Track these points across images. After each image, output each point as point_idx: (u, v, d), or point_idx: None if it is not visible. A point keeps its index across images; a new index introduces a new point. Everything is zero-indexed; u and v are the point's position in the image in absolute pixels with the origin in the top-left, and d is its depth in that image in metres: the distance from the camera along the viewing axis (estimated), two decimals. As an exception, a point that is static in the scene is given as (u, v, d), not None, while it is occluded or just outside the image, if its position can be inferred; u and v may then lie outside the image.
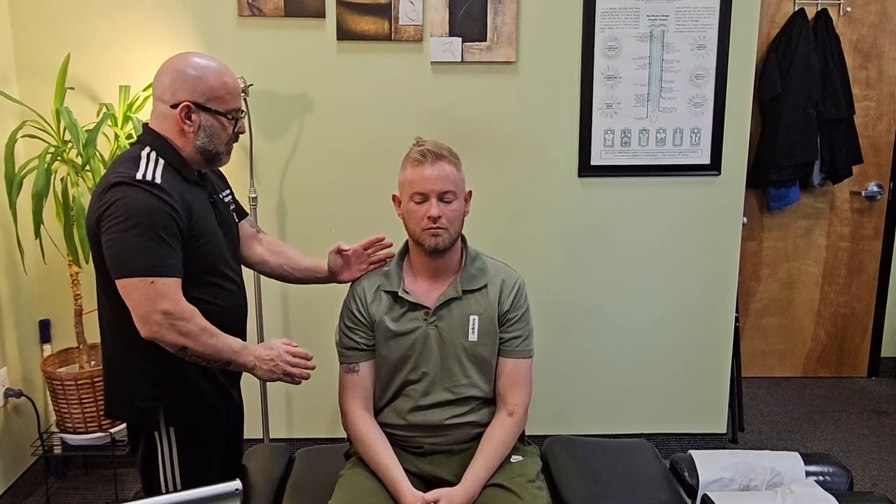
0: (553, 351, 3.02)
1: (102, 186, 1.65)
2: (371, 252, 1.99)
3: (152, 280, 1.59)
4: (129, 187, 1.62)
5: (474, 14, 2.78)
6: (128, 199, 1.60)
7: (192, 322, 1.63)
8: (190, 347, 1.63)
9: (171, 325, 1.60)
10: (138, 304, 1.60)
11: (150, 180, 1.63)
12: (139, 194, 1.61)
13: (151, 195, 1.62)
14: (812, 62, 3.45)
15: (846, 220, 3.79)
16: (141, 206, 1.60)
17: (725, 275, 3.03)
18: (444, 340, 1.87)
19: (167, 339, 1.62)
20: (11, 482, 2.76)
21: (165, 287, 1.61)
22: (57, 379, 2.67)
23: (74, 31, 2.75)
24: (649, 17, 2.81)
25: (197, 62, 1.72)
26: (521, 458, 1.91)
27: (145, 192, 1.62)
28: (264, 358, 1.75)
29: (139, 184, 1.62)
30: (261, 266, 2.03)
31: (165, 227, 1.62)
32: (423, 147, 1.83)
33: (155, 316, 1.59)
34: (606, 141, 2.89)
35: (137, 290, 1.60)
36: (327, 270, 2.00)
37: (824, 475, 2.04)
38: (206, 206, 1.77)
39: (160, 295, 1.60)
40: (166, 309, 1.60)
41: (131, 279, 1.60)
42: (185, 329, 1.62)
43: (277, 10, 2.75)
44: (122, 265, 1.60)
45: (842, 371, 3.95)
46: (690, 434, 3.16)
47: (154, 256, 1.60)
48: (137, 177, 1.63)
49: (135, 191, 1.61)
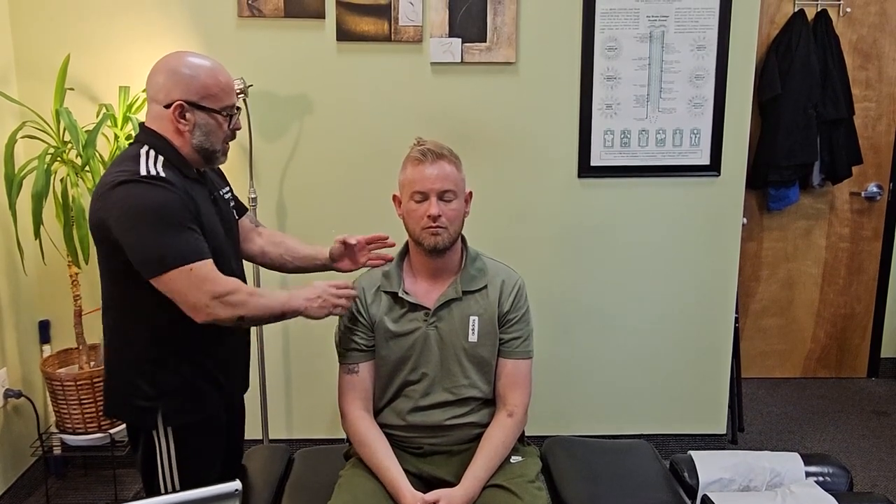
0: (553, 351, 3.02)
1: (106, 186, 1.64)
2: (373, 247, 2.01)
3: (190, 268, 1.60)
4: (135, 184, 1.61)
5: (474, 15, 2.78)
6: (138, 197, 1.61)
7: (239, 292, 1.66)
8: (245, 315, 1.66)
9: (223, 303, 1.62)
10: (184, 294, 1.61)
11: (156, 175, 1.64)
12: (148, 190, 1.61)
13: (160, 188, 1.62)
14: (812, 63, 3.45)
15: (846, 220, 3.79)
16: (153, 201, 1.61)
17: (725, 275, 3.03)
18: (443, 341, 1.87)
19: (222, 316, 1.64)
20: (11, 482, 2.76)
21: (203, 270, 1.62)
22: (56, 379, 2.67)
23: (74, 31, 2.75)
24: (649, 18, 2.81)
25: (189, 61, 1.72)
26: (520, 458, 1.91)
27: (153, 186, 1.62)
28: (311, 297, 1.76)
29: (145, 179, 1.62)
30: (261, 258, 2.03)
31: (181, 215, 1.63)
32: (424, 147, 1.84)
33: (204, 300, 1.61)
34: (606, 141, 2.89)
35: (179, 282, 1.60)
36: (328, 257, 2.01)
37: (824, 476, 2.04)
38: (207, 204, 1.77)
39: (202, 279, 1.61)
40: (212, 290, 1.61)
41: (169, 273, 1.60)
42: (234, 301, 1.64)
43: (277, 11, 2.75)
44: (156, 263, 1.60)
45: (841, 372, 3.95)
46: (690, 435, 3.15)
47: (183, 245, 1.61)
48: (142, 173, 1.63)
49: (142, 187, 1.61)
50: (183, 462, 1.77)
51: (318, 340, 2.95)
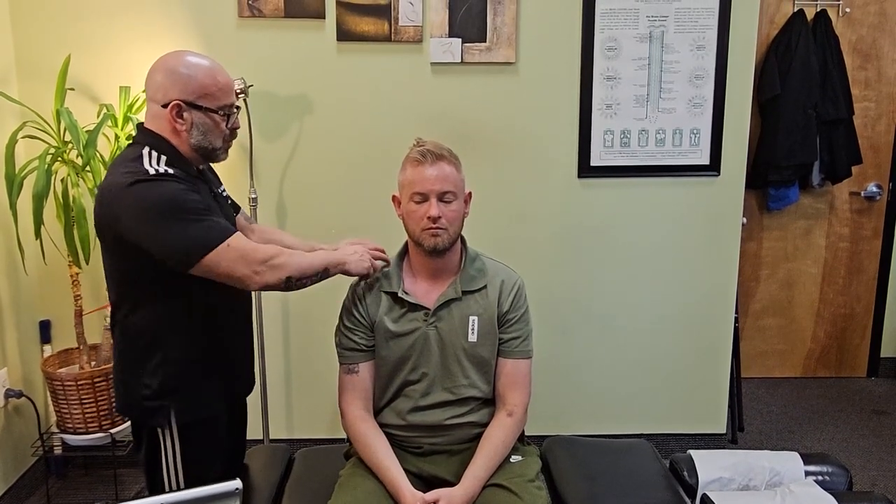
0: (552, 351, 3.03)
1: (116, 186, 1.64)
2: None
3: (227, 244, 1.64)
4: (149, 183, 1.63)
5: (474, 15, 2.78)
6: (155, 194, 1.62)
7: (281, 255, 1.70)
8: (292, 275, 1.71)
9: (269, 267, 1.67)
10: (231, 269, 1.64)
11: (164, 172, 1.65)
12: (163, 186, 1.63)
13: (173, 183, 1.64)
14: (811, 63, 3.45)
15: (845, 220, 3.80)
16: (172, 196, 1.62)
17: (725, 275, 3.04)
18: (443, 341, 1.88)
19: (272, 281, 1.68)
20: (12, 483, 2.76)
21: (240, 242, 1.66)
22: (57, 379, 2.67)
23: (74, 32, 2.76)
24: (649, 18, 2.82)
25: (187, 60, 1.72)
26: (520, 458, 1.91)
27: (166, 182, 1.64)
28: (351, 252, 1.84)
29: (156, 178, 1.64)
30: None
31: (199, 202, 1.66)
32: (424, 147, 1.84)
33: (251, 269, 1.65)
34: (606, 141, 2.90)
35: (223, 260, 1.63)
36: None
37: (823, 475, 2.05)
38: (210, 199, 1.79)
39: (242, 251, 1.65)
40: (254, 258, 1.66)
41: (208, 256, 1.62)
42: (278, 263, 1.69)
43: (277, 11, 2.75)
44: (193, 252, 1.62)
45: (841, 371, 3.95)
46: (690, 434, 3.16)
47: (213, 227, 1.65)
48: (151, 171, 1.64)
49: (155, 185, 1.63)
50: (187, 461, 1.78)
51: (318, 341, 2.96)
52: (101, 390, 2.69)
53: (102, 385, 2.69)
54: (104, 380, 2.68)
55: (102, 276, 2.69)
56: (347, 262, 1.82)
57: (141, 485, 2.91)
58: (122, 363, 1.80)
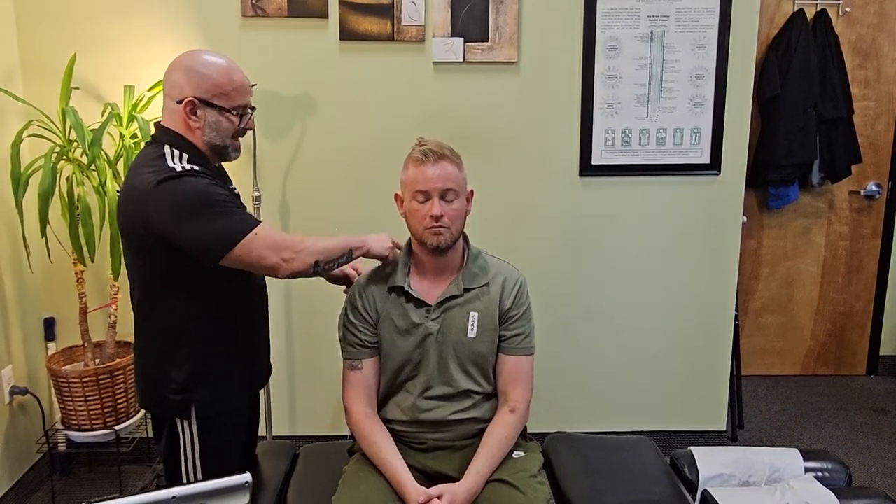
0: (554, 349, 3.05)
1: (145, 185, 1.65)
2: None
3: (255, 233, 1.67)
4: (177, 180, 1.65)
5: (476, 14, 2.80)
6: (186, 190, 1.65)
7: (306, 240, 1.74)
8: (319, 259, 1.75)
9: (297, 253, 1.71)
10: (261, 257, 1.68)
11: (191, 169, 1.68)
12: (190, 181, 1.66)
13: (200, 178, 1.67)
14: (811, 62, 3.47)
15: (845, 219, 3.81)
16: (199, 191, 1.65)
17: (725, 273, 3.06)
18: (444, 337, 1.89)
19: (300, 268, 1.72)
20: (17, 479, 2.78)
21: (266, 231, 1.70)
22: (62, 377, 2.69)
23: (79, 31, 2.77)
24: (650, 18, 2.83)
25: (205, 59, 1.75)
26: (522, 453, 1.92)
27: (193, 177, 1.67)
28: (372, 236, 1.88)
29: (182, 174, 1.66)
30: None
31: (225, 195, 1.70)
32: (426, 146, 1.85)
33: (282, 254, 1.69)
34: (607, 140, 2.91)
35: (253, 249, 1.67)
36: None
37: (823, 471, 2.06)
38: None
39: (270, 240, 1.69)
40: (283, 245, 1.70)
41: (239, 245, 1.65)
42: (307, 249, 1.73)
43: (281, 11, 2.77)
44: (225, 242, 1.65)
45: (841, 369, 3.97)
46: (690, 432, 3.18)
47: (239, 218, 1.68)
48: (177, 169, 1.67)
49: (182, 181, 1.66)
50: (206, 454, 1.81)
51: (321, 338, 2.98)
52: (106, 387, 2.71)
53: (107, 382, 2.70)
54: (108, 377, 2.70)
55: (107, 274, 2.74)
56: (368, 242, 1.86)
57: (145, 481, 2.93)
58: (146, 359, 1.83)
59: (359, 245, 1.84)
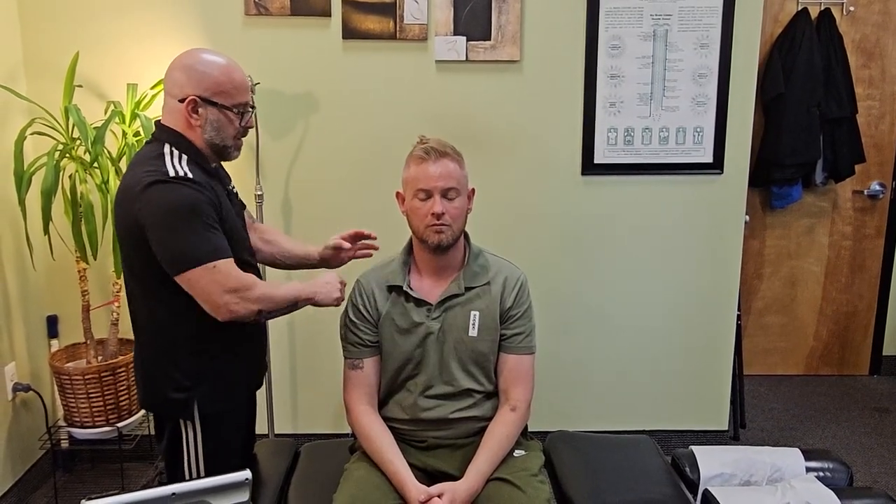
0: (555, 348, 3.04)
1: (137, 186, 1.66)
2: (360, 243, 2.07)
3: (214, 265, 1.65)
4: (166, 185, 1.65)
5: (478, 13, 2.80)
6: (170, 197, 1.64)
7: (256, 287, 1.71)
8: (263, 309, 1.72)
9: (242, 299, 1.68)
10: (208, 291, 1.66)
11: (184, 175, 1.67)
12: (179, 190, 1.65)
13: (190, 189, 1.66)
14: (815, 61, 3.46)
15: (848, 218, 3.81)
16: (184, 202, 1.65)
17: (728, 273, 3.05)
18: (445, 335, 1.90)
19: (243, 313, 1.69)
20: (20, 475, 2.79)
21: (226, 267, 1.67)
22: (65, 374, 2.70)
23: (82, 29, 2.78)
24: (653, 17, 2.83)
25: (205, 58, 1.75)
26: (523, 452, 1.92)
27: (184, 186, 1.66)
28: (322, 283, 1.84)
29: (175, 180, 1.66)
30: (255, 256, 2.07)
31: (209, 215, 1.68)
32: (427, 144, 1.85)
33: (226, 297, 1.66)
34: (610, 139, 2.91)
35: (203, 279, 1.65)
36: (318, 258, 2.08)
37: (824, 471, 2.06)
38: (225, 197, 1.81)
39: (224, 276, 1.66)
40: (233, 287, 1.66)
41: (195, 270, 1.64)
42: (254, 296, 1.69)
43: (283, 9, 2.77)
44: (184, 260, 1.65)
45: (843, 369, 3.96)
46: (692, 431, 3.17)
47: (209, 244, 1.66)
48: (171, 174, 1.67)
49: (173, 187, 1.65)
50: (208, 453, 1.81)
51: (322, 336, 2.98)
52: (108, 385, 2.71)
53: (109, 379, 2.71)
54: (111, 374, 2.71)
55: (109, 272, 2.75)
56: (317, 294, 1.82)
57: (147, 478, 2.94)
58: (146, 358, 1.83)
59: (307, 296, 1.81)
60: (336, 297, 1.84)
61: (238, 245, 1.79)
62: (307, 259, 2.09)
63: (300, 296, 1.80)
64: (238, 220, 1.86)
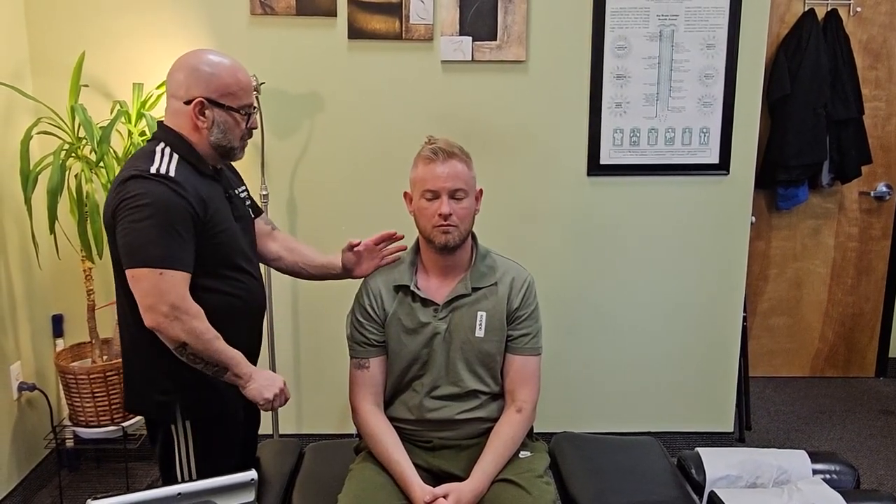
0: (561, 349, 3.04)
1: (118, 181, 1.68)
2: (382, 247, 2.02)
3: (161, 272, 1.61)
4: (144, 180, 1.64)
5: (484, 13, 2.79)
6: (143, 192, 1.63)
7: (198, 320, 1.65)
8: (190, 345, 1.64)
9: (176, 318, 1.62)
10: (146, 293, 1.63)
11: (165, 173, 1.66)
12: (154, 187, 1.64)
13: (166, 188, 1.64)
14: (822, 62, 3.45)
15: (855, 220, 3.79)
16: (156, 199, 1.63)
17: (733, 274, 3.04)
18: (451, 336, 1.89)
19: (170, 332, 1.63)
20: (25, 474, 2.79)
21: (173, 280, 1.63)
22: (70, 373, 2.70)
23: (88, 29, 2.78)
24: (659, 17, 2.82)
25: (210, 59, 1.75)
26: (529, 453, 1.92)
27: (160, 184, 1.64)
28: (265, 375, 1.75)
29: (154, 177, 1.65)
30: (276, 262, 2.05)
31: (180, 221, 1.64)
32: (435, 145, 1.85)
33: (162, 307, 1.61)
34: (616, 140, 2.90)
35: (146, 280, 1.62)
36: (341, 267, 2.02)
37: (831, 473, 2.05)
38: (221, 200, 1.79)
39: (168, 287, 1.62)
40: (173, 302, 1.61)
41: (142, 269, 1.62)
42: (189, 325, 1.63)
43: (289, 9, 2.77)
44: (134, 255, 1.63)
45: (849, 371, 3.95)
46: (697, 433, 3.17)
47: (166, 249, 1.62)
48: (152, 170, 1.66)
49: (150, 183, 1.64)
50: (200, 455, 1.80)
51: (327, 337, 2.98)
52: (113, 384, 2.72)
53: (114, 379, 2.71)
54: (116, 373, 2.71)
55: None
56: (251, 380, 1.72)
57: (152, 477, 2.94)
58: (130, 360, 1.82)
59: (241, 374, 1.71)
60: (266, 396, 1.72)
61: (231, 249, 1.77)
62: (330, 268, 2.04)
63: (234, 367, 1.70)
64: (238, 225, 1.83)
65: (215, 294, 1.74)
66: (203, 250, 1.70)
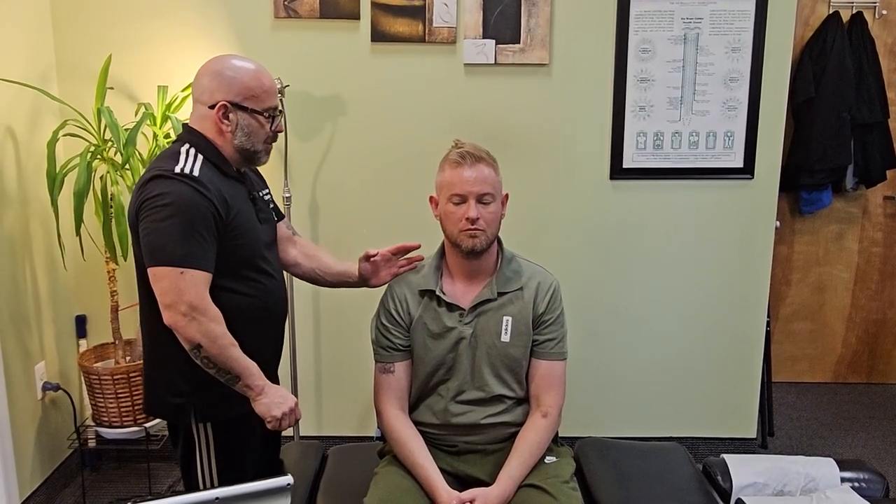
0: (584, 354, 3.02)
1: (142, 181, 1.69)
2: (399, 257, 2.01)
3: (182, 271, 1.62)
4: (167, 180, 1.65)
5: (508, 16, 2.79)
6: (166, 191, 1.64)
7: (215, 323, 1.64)
8: (205, 347, 1.63)
9: (194, 319, 1.62)
10: (166, 292, 1.63)
11: (189, 173, 1.67)
12: (177, 186, 1.65)
13: (189, 188, 1.65)
14: (846, 65, 3.42)
15: (879, 224, 3.75)
16: (179, 198, 1.64)
17: (757, 279, 3.02)
18: (477, 341, 1.89)
19: (186, 331, 1.63)
20: (48, 474, 2.81)
21: (194, 279, 1.63)
22: (93, 373, 2.72)
23: (114, 32, 2.80)
24: (683, 20, 2.80)
25: (234, 63, 1.76)
26: (555, 459, 1.92)
27: (183, 184, 1.65)
28: (278, 392, 1.73)
29: (177, 176, 1.66)
30: (294, 268, 2.05)
31: (202, 221, 1.65)
32: (463, 149, 1.85)
33: (181, 306, 1.61)
34: (639, 143, 2.89)
35: (167, 279, 1.63)
36: (358, 276, 2.02)
37: (860, 481, 2.03)
38: (245, 202, 1.80)
39: (188, 286, 1.62)
40: (192, 301, 1.62)
41: (163, 268, 1.63)
42: (205, 327, 1.63)
43: (313, 12, 2.78)
44: (156, 253, 1.64)
45: (873, 377, 3.91)
46: (720, 438, 3.14)
47: (188, 248, 1.63)
48: (176, 170, 1.67)
49: (173, 183, 1.65)
50: (221, 457, 1.80)
51: (348, 338, 2.98)
52: (136, 385, 2.73)
53: (137, 380, 2.73)
54: (139, 374, 2.72)
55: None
56: (263, 394, 1.69)
57: (174, 478, 2.95)
58: (148, 360, 1.83)
59: (252, 386, 1.69)
60: (275, 414, 1.69)
61: (254, 251, 1.78)
62: (347, 276, 2.03)
63: (247, 378, 1.68)
64: (260, 227, 1.83)
65: (236, 295, 1.74)
66: (225, 251, 1.70)
